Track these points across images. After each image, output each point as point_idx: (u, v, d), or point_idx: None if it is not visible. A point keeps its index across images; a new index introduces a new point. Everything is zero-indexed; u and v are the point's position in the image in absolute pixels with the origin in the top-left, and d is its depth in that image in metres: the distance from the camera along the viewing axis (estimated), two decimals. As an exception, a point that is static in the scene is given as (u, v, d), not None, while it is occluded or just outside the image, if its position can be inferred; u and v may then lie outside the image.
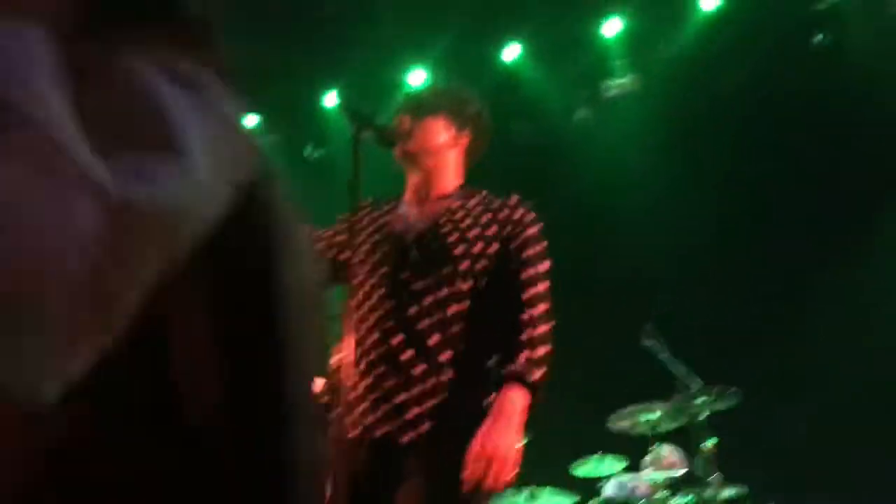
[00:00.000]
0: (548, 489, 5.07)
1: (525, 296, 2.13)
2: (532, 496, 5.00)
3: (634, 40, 6.38)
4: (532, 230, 2.23)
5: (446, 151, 2.34)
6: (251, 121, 6.90)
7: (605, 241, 6.27)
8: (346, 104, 2.19)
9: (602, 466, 5.08)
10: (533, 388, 2.03)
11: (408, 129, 2.28)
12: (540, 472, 5.11)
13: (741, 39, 6.20)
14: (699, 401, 4.84)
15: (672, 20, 6.36)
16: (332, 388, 2.17)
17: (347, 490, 2.02)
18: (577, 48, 6.54)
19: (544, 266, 2.20)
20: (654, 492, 4.88)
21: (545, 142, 6.64)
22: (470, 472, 1.88)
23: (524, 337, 2.07)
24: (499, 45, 6.53)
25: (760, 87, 6.19)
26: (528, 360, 2.04)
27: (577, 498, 5.21)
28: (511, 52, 6.49)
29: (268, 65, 6.31)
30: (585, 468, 5.14)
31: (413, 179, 2.35)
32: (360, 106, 2.21)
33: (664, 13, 6.34)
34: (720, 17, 6.21)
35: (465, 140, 2.38)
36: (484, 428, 1.93)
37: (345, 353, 2.12)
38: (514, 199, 2.28)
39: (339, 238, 2.38)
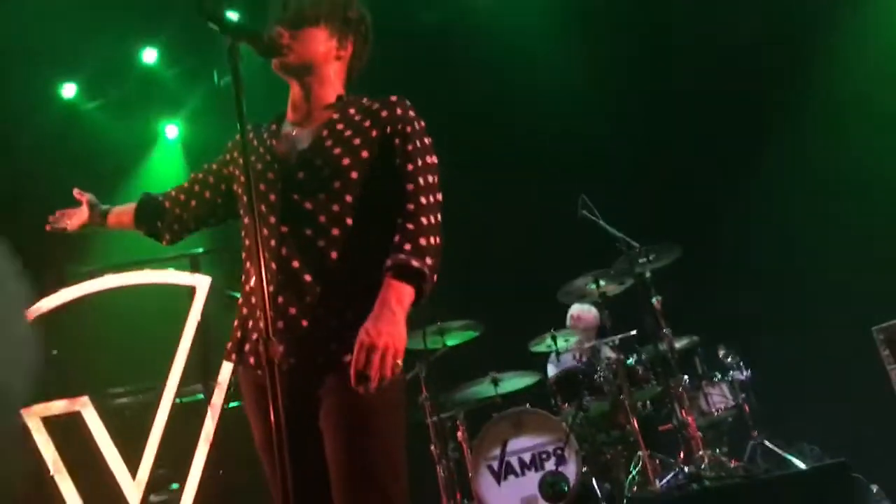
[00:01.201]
0: (510, 372, 5.19)
1: (408, 188, 2.06)
2: (495, 381, 5.12)
3: None
4: (413, 126, 2.14)
5: (328, 63, 2.22)
6: (152, 55, 6.64)
7: (526, 119, 6.25)
8: (210, 12, 1.96)
9: (557, 339, 5.19)
10: (416, 276, 1.96)
11: (286, 41, 2.15)
12: (500, 356, 5.25)
13: None
14: (641, 261, 4.94)
15: None
16: (242, 321, 2.14)
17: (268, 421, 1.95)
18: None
19: (430, 159, 2.12)
20: (607, 355, 5.03)
21: (454, 25, 6.50)
22: (354, 361, 1.85)
23: (407, 227, 2.01)
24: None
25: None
26: (412, 249, 1.97)
27: (539, 376, 5.36)
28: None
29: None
30: (543, 345, 5.25)
31: (293, 94, 2.24)
32: (229, 15, 2.04)
33: None
34: None
35: (347, 50, 2.26)
36: (367, 320, 1.90)
37: (248, 284, 2.09)
38: (394, 98, 2.18)
39: (228, 169, 2.32)
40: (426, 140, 2.16)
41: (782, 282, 5.72)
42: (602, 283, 5.13)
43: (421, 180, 2.07)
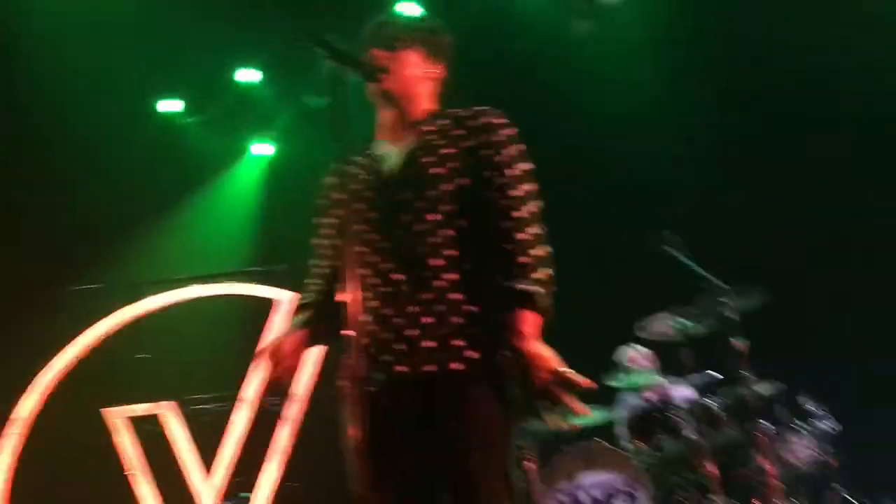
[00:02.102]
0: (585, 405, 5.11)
1: (512, 217, 2.10)
2: (567, 414, 5.04)
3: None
4: (511, 149, 2.18)
5: (421, 85, 2.30)
6: (255, 76, 6.85)
7: (615, 152, 6.18)
8: (316, 38, 2.05)
9: (637, 377, 5.10)
10: (542, 311, 2.06)
11: (384, 64, 2.22)
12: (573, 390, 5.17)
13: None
14: (725, 302, 4.82)
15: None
16: (345, 336, 2.18)
17: (371, 431, 2.02)
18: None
19: (523, 166, 2.16)
20: (689, 396, 4.92)
21: (545, 59, 6.51)
22: (552, 393, 2.00)
23: (521, 260, 2.06)
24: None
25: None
26: (519, 272, 2.05)
27: (613, 412, 5.27)
28: (500, -29, 6.31)
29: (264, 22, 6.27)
30: (620, 380, 5.16)
31: (386, 115, 2.31)
32: (333, 40, 2.10)
33: None
34: None
35: (437, 72, 2.33)
36: (527, 354, 2.00)
37: (350, 299, 2.11)
38: (487, 110, 2.23)
39: (336, 195, 2.33)
40: (518, 148, 2.19)
41: (874, 332, 5.50)
42: (683, 321, 5.02)
43: (523, 210, 2.11)
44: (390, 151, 2.25)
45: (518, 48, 6.58)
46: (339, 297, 2.16)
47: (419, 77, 2.29)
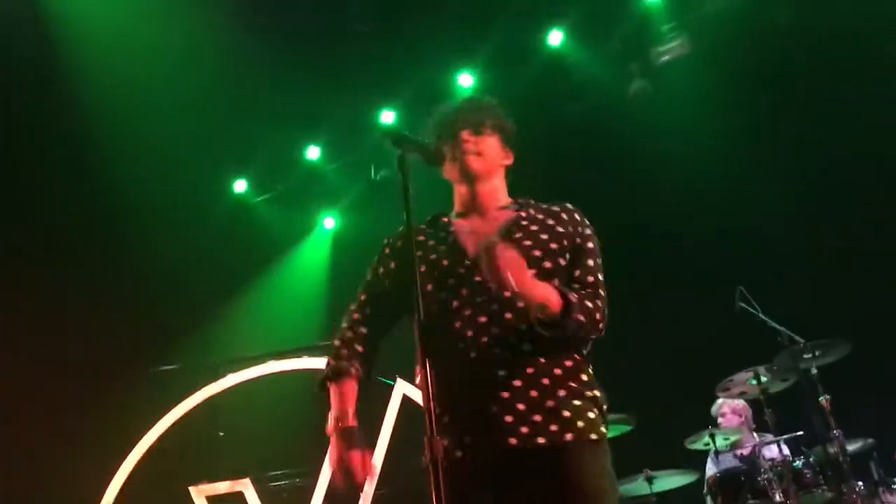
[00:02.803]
0: (665, 471, 5.01)
1: (580, 283, 2.25)
2: (650, 479, 4.94)
3: (677, 1, 6.22)
4: (592, 237, 2.35)
5: (499, 169, 2.43)
6: (314, 153, 7.05)
7: (683, 211, 6.13)
8: (386, 129, 2.23)
9: (717, 437, 4.97)
10: (568, 304, 2.10)
11: (471, 147, 2.35)
12: (655, 452, 5.08)
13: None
14: (806, 357, 4.70)
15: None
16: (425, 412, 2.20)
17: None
18: (619, 20, 6.42)
19: (601, 274, 2.30)
20: (776, 457, 4.77)
21: (603, 121, 6.55)
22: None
23: (590, 302, 2.18)
24: (542, 33, 6.45)
25: (819, 25, 5.95)
26: (582, 296, 2.17)
27: (695, 475, 5.13)
28: (555, 38, 6.41)
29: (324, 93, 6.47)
30: (700, 442, 5.04)
31: (464, 194, 2.41)
32: (399, 128, 2.23)
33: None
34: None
35: (510, 159, 2.47)
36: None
37: (428, 376, 2.11)
38: (570, 206, 2.40)
39: (394, 265, 2.39)
40: (600, 256, 2.34)
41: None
42: (763, 379, 4.89)
43: (591, 277, 2.26)
44: (478, 227, 2.33)
45: (573, 111, 6.65)
46: (419, 370, 2.16)
47: (499, 161, 2.42)
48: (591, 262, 2.29)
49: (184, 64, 5.75)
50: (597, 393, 2.18)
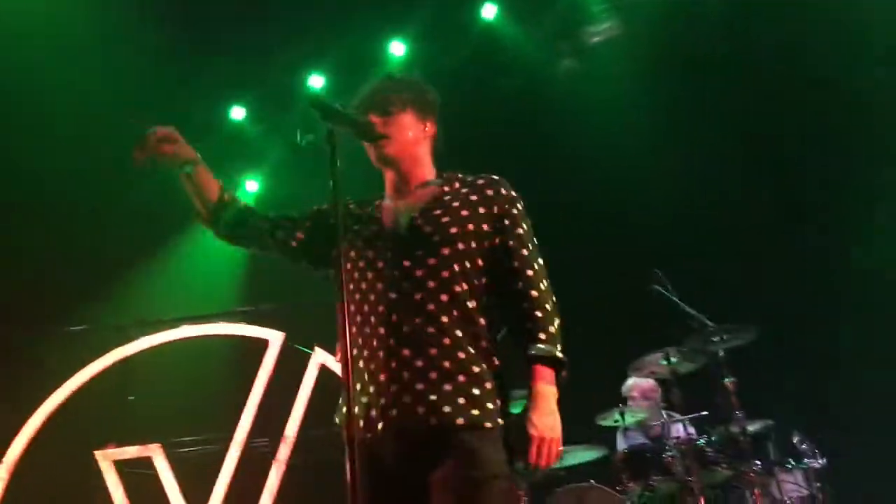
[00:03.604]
0: (575, 446, 5.12)
1: (526, 275, 2.22)
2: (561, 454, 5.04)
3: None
4: (518, 207, 2.31)
5: (418, 145, 2.37)
6: (239, 112, 6.89)
7: (604, 190, 6.23)
8: (314, 101, 2.16)
9: (626, 415, 5.11)
10: (560, 364, 2.16)
11: (380, 129, 2.31)
12: (566, 428, 5.18)
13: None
14: (714, 340, 4.86)
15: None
16: (342, 386, 2.20)
17: (373, 481, 2.06)
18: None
19: (534, 242, 2.29)
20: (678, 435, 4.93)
21: (532, 97, 6.58)
22: (531, 457, 2.09)
23: (537, 314, 2.18)
24: (476, 5, 6.44)
25: (744, 16, 6.10)
26: (548, 338, 2.16)
27: (605, 450, 5.27)
28: (488, 12, 6.41)
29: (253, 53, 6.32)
30: (610, 419, 5.17)
31: (390, 176, 2.39)
32: (329, 101, 2.18)
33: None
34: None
35: (430, 130, 2.41)
36: (532, 413, 2.11)
37: (347, 349, 2.11)
38: (496, 177, 2.35)
39: (321, 231, 2.37)
40: (528, 223, 2.31)
41: (863, 367, 5.53)
42: (673, 360, 5.04)
43: (536, 265, 2.25)
44: (400, 206, 2.31)
45: (505, 85, 6.67)
46: (339, 346, 2.15)
47: (415, 138, 2.36)
48: (524, 251, 2.24)
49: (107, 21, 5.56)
50: (498, 382, 2.15)
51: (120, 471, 5.37)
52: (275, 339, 5.58)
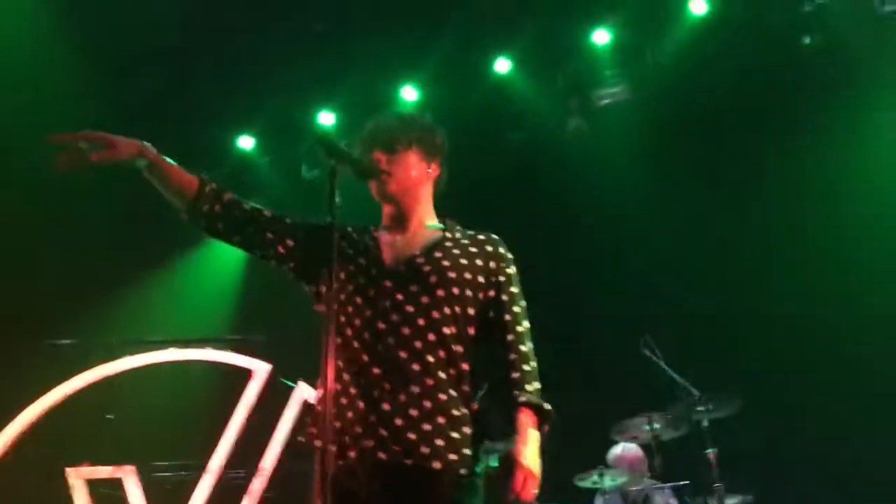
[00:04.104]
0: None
1: (516, 330, 2.27)
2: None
3: (624, 49, 6.38)
4: (513, 268, 2.35)
5: (421, 185, 2.39)
6: (247, 143, 6.95)
7: (600, 248, 6.26)
8: (321, 138, 2.18)
9: (605, 478, 5.06)
10: (547, 417, 2.20)
11: (384, 166, 2.32)
12: (544, 485, 5.11)
13: (731, 43, 6.21)
14: (699, 409, 4.85)
15: (662, 27, 6.35)
16: (318, 414, 2.18)
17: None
18: (567, 58, 6.56)
19: (523, 306, 2.33)
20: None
21: (539, 151, 6.66)
22: (515, 483, 2.08)
23: (525, 368, 2.23)
24: (490, 58, 6.53)
25: (753, 88, 6.20)
26: (534, 391, 2.20)
27: (581, 511, 5.22)
28: (502, 65, 6.50)
29: (264, 85, 6.40)
30: (588, 480, 5.13)
31: (390, 211, 2.39)
32: (335, 139, 2.22)
33: (655, 20, 6.34)
34: (710, 22, 6.19)
35: (435, 171, 2.42)
36: (518, 445, 2.12)
37: (330, 375, 2.09)
38: (495, 237, 2.40)
39: (312, 247, 2.32)
40: (519, 286, 2.35)
41: (844, 449, 5.49)
42: (657, 426, 5.03)
43: (525, 324, 2.30)
44: (399, 241, 2.33)
45: (512, 138, 6.75)
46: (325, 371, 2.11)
47: (418, 178, 2.37)
48: (516, 308, 2.29)
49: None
50: (476, 429, 2.16)
51: (91, 490, 5.29)
52: (260, 370, 5.56)
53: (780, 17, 6.13)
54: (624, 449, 5.46)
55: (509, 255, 2.37)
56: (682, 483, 4.88)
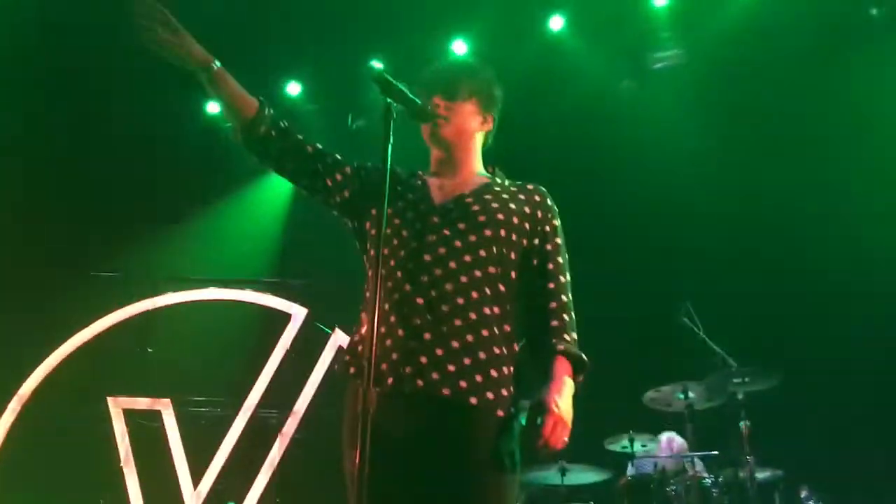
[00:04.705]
0: (580, 465, 5.09)
1: (558, 279, 2.26)
2: (563, 471, 5.02)
3: (682, 13, 6.23)
4: (558, 220, 2.35)
5: (473, 136, 2.38)
6: (294, 89, 6.94)
7: (646, 213, 6.18)
8: (378, 76, 2.15)
9: (635, 443, 5.06)
10: (583, 367, 2.18)
11: (442, 112, 2.30)
12: (572, 446, 5.12)
13: (795, 11, 6.03)
14: (736, 381, 4.79)
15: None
16: (356, 342, 2.21)
17: (380, 442, 1.95)
18: (623, 19, 6.43)
19: (566, 258, 2.32)
20: (685, 469, 4.88)
21: (589, 111, 6.55)
22: (546, 430, 2.02)
23: (565, 317, 2.22)
24: (544, 14, 6.43)
25: (815, 59, 6.03)
26: (572, 340, 2.19)
27: (608, 474, 5.23)
28: (556, 23, 6.39)
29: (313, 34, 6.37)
30: (618, 444, 5.13)
31: (439, 156, 2.38)
32: (393, 79, 2.15)
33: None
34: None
35: (488, 124, 2.42)
36: (552, 391, 2.07)
37: (377, 303, 2.02)
38: (542, 188, 2.38)
39: (361, 184, 2.33)
40: (562, 238, 2.33)
41: (880, 430, 5.42)
42: (691, 395, 4.99)
43: (566, 275, 2.29)
44: (448, 185, 2.32)
45: (564, 95, 6.65)
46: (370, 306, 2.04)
47: (472, 128, 2.37)
48: (559, 259, 2.29)
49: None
50: (515, 370, 2.15)
51: (128, 420, 5.43)
52: (298, 313, 5.62)
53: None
54: (669, 439, 5.41)
55: (555, 208, 2.35)
56: (711, 453, 4.84)
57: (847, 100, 5.91)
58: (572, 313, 2.24)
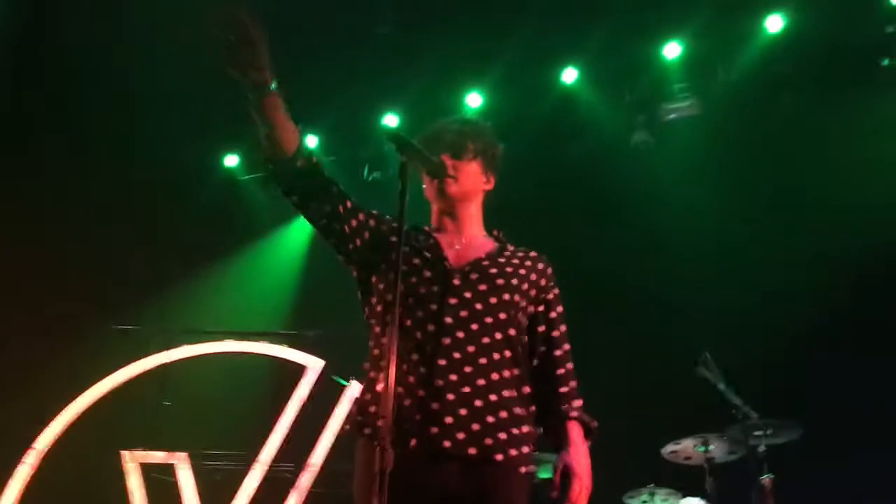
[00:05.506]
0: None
1: (563, 347, 2.36)
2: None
3: (695, 64, 6.30)
4: (557, 290, 2.42)
5: (478, 195, 2.46)
6: (311, 141, 7.02)
7: (661, 266, 6.15)
8: (394, 134, 2.16)
9: (655, 498, 4.98)
10: (594, 432, 2.31)
11: (450, 171, 2.36)
12: (591, 501, 5.05)
13: (806, 62, 6.08)
14: (756, 433, 4.72)
15: (734, 43, 6.25)
16: (366, 401, 2.23)
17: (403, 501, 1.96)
18: (636, 71, 6.50)
19: (565, 325, 2.41)
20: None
21: (602, 164, 6.59)
22: (573, 494, 2.13)
23: (572, 384, 2.33)
24: (557, 67, 6.50)
25: (827, 108, 6.06)
26: (582, 407, 2.30)
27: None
28: (569, 75, 6.46)
29: (330, 86, 6.47)
30: (638, 499, 5.05)
31: (443, 212, 2.43)
32: (407, 136, 2.21)
33: (727, 36, 6.24)
34: (785, 40, 6.07)
35: (490, 183, 2.49)
36: (575, 456, 2.19)
37: (392, 361, 1.99)
38: (545, 258, 2.45)
39: (381, 237, 2.35)
40: (562, 307, 2.43)
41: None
42: (711, 447, 4.92)
43: (567, 345, 2.39)
44: (459, 245, 2.36)
45: (574, 150, 6.69)
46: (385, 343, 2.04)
47: (476, 187, 2.44)
48: (563, 327, 2.38)
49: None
50: (532, 429, 2.23)
51: (144, 474, 5.40)
52: (314, 365, 5.61)
53: (858, 38, 5.99)
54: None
55: (554, 277, 2.44)
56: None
57: (860, 146, 5.92)
58: (575, 381, 2.35)
